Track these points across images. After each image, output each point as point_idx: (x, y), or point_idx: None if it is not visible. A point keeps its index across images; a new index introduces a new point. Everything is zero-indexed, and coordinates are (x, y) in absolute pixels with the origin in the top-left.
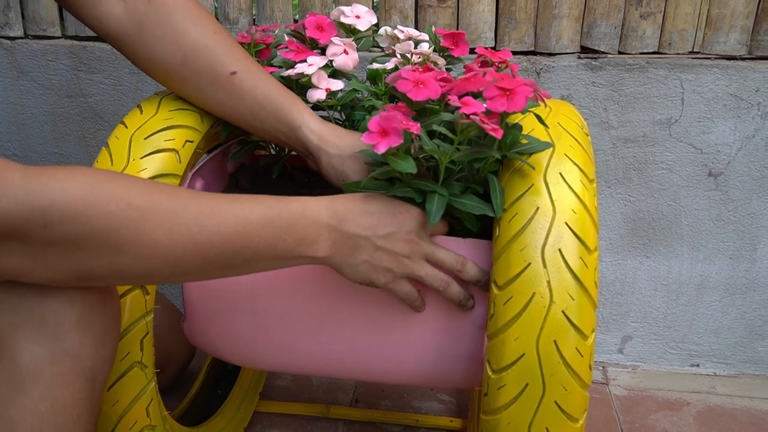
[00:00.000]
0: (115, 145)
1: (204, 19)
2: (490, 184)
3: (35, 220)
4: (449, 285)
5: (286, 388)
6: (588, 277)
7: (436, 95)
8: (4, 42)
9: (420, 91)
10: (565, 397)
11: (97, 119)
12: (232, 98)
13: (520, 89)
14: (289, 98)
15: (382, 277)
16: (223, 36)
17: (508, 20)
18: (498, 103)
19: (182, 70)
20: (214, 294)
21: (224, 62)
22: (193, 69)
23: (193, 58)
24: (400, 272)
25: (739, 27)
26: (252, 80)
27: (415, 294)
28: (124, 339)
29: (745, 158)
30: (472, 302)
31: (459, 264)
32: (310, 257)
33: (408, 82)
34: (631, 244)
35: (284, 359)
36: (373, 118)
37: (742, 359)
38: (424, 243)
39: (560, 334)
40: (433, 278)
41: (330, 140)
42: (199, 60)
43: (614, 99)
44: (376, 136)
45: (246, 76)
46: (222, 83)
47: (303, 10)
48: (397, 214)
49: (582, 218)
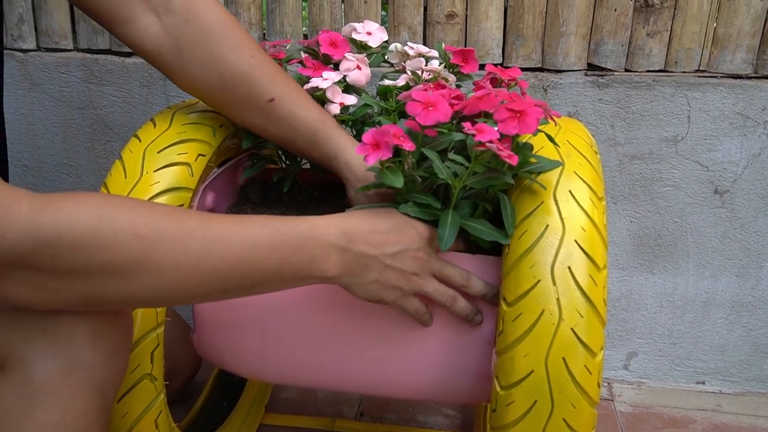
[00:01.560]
0: (129, 158)
1: (242, 41)
2: (502, 206)
3: (43, 252)
4: (456, 300)
5: (292, 400)
6: (597, 295)
7: (446, 118)
8: (17, 54)
9: (430, 115)
10: (573, 415)
11: (108, 131)
12: (270, 123)
13: (531, 111)
14: (326, 126)
15: (392, 295)
16: (260, 59)
17: (516, 37)
18: (510, 126)
19: (221, 94)
20: (224, 307)
21: (262, 89)
22: (231, 94)
23: (231, 85)
24: (409, 289)
25: (746, 46)
26: (290, 107)
27: (424, 309)
28: (134, 351)
29: (752, 176)
30: (480, 317)
31: (464, 279)
32: (319, 277)
33: (418, 104)
34: (637, 260)
35: (292, 372)
36: (368, 131)
37: (748, 377)
38: (431, 260)
39: (569, 352)
40: (441, 294)
41: (360, 175)
42: (237, 87)
43: (621, 116)
44: (369, 147)
45: (283, 102)
46: (260, 109)
47: (312, 25)
48: (405, 232)
49: (591, 236)
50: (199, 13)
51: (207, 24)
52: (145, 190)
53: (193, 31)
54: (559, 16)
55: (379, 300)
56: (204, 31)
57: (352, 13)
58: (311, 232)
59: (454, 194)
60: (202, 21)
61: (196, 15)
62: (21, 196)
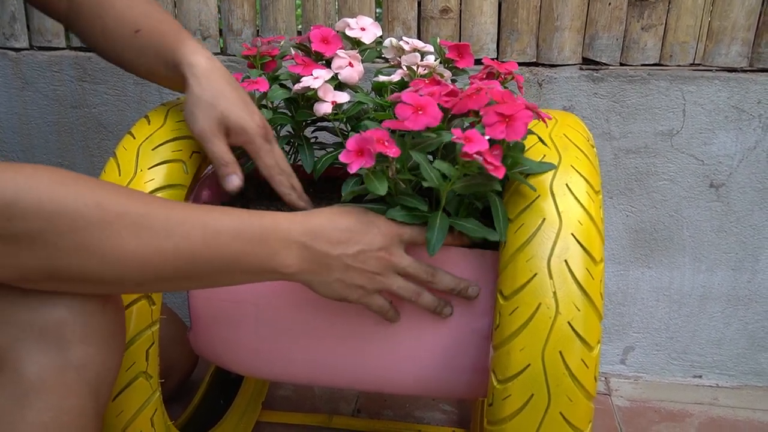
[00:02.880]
0: (123, 155)
1: None
2: (492, 208)
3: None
4: (420, 295)
5: (288, 398)
6: (594, 289)
7: (435, 122)
8: (9, 53)
9: (419, 119)
10: (570, 408)
11: (101, 129)
12: (137, 52)
13: (519, 115)
14: (178, 38)
15: (354, 294)
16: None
17: (510, 32)
18: (497, 130)
19: (103, 40)
20: (219, 304)
21: (131, 24)
22: (109, 37)
23: (109, 27)
24: (372, 288)
25: (740, 39)
26: (148, 32)
27: (387, 306)
28: (129, 349)
29: (747, 169)
30: (449, 309)
31: (429, 275)
32: (280, 273)
33: (407, 107)
34: (633, 254)
35: (288, 369)
36: (352, 137)
37: (745, 371)
38: (394, 258)
39: (566, 345)
40: (405, 290)
41: (204, 81)
42: (113, 27)
43: (616, 110)
44: (352, 155)
45: (145, 31)
46: (128, 44)
47: (306, 21)
48: (369, 232)
49: (588, 229)
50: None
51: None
52: (140, 187)
53: None
54: (553, 10)
55: (343, 299)
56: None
57: (345, 8)
58: (274, 226)
59: (443, 197)
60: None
61: None
62: None
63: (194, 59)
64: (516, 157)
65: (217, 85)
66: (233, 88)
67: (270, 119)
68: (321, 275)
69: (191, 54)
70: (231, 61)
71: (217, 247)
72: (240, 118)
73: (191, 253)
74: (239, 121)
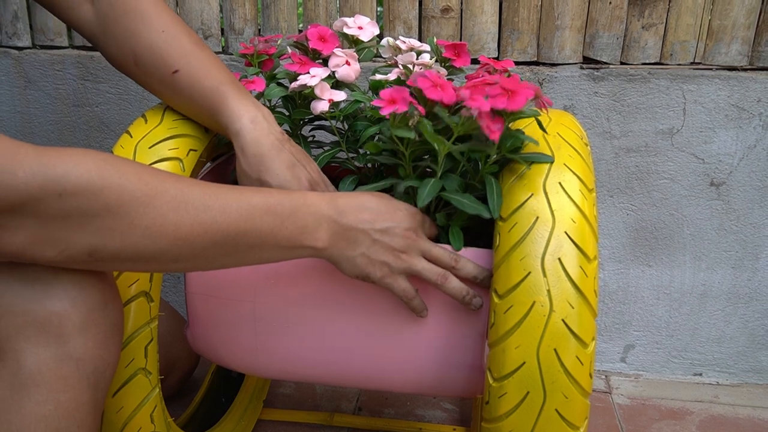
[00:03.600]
0: (120, 154)
1: (156, 17)
2: (487, 185)
3: (50, 189)
4: (447, 278)
5: (290, 396)
6: (588, 286)
7: (450, 100)
8: (12, 52)
9: (436, 92)
10: (565, 405)
11: (104, 128)
12: (176, 96)
13: (521, 90)
14: (222, 93)
15: (378, 271)
16: (172, 33)
17: (511, 31)
18: (499, 101)
19: (136, 69)
20: (217, 301)
21: (168, 61)
22: (144, 68)
23: (142, 59)
24: (397, 267)
25: (740, 38)
26: (190, 77)
27: (413, 292)
28: (128, 346)
29: (747, 168)
30: (478, 300)
31: (453, 261)
32: (310, 247)
33: (427, 80)
34: (634, 253)
35: (285, 367)
36: (386, 90)
37: (745, 368)
38: (420, 239)
39: (560, 343)
40: (430, 272)
41: (250, 149)
42: (147, 60)
43: (616, 109)
44: (385, 102)
45: (185, 73)
46: (166, 82)
47: (307, 21)
48: (396, 212)
49: (581, 227)
50: (142, 25)
51: (127, 3)
52: None
53: (115, 10)
54: (554, 9)
55: (366, 276)
56: (123, 11)
57: (347, 8)
58: (303, 201)
59: (440, 162)
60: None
61: None
62: (27, 144)
63: (239, 126)
64: (517, 139)
65: (262, 159)
66: (278, 152)
67: None
68: (347, 249)
69: (236, 119)
70: (232, 60)
71: (252, 221)
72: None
73: (227, 227)
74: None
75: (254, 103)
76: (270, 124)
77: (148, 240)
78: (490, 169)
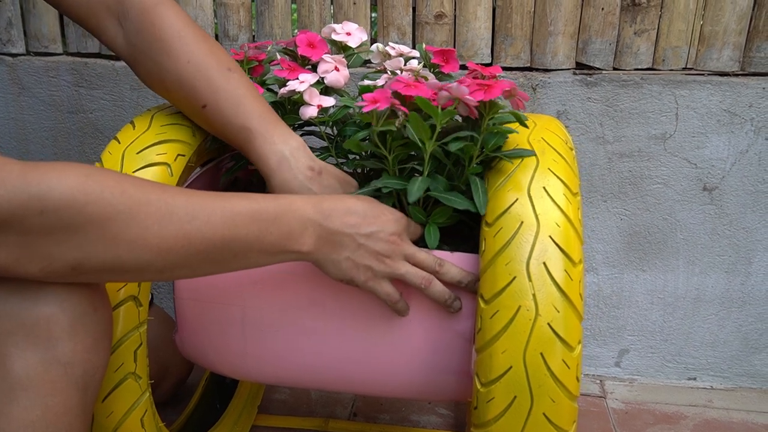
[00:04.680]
0: (108, 159)
1: (181, 47)
2: (472, 185)
3: (33, 206)
4: (431, 282)
5: (285, 401)
6: (573, 290)
7: (426, 94)
8: (6, 59)
9: (411, 89)
10: (553, 409)
11: (98, 134)
12: (208, 126)
13: (497, 84)
14: (250, 135)
15: (363, 275)
16: (198, 65)
17: (504, 37)
18: (477, 95)
19: (168, 95)
20: (205, 306)
21: (197, 95)
22: (175, 98)
23: (172, 90)
24: (380, 271)
25: (732, 44)
26: (220, 114)
27: (397, 296)
28: (117, 350)
29: (739, 173)
30: (458, 303)
31: (438, 265)
32: (296, 251)
33: (401, 82)
34: (628, 257)
35: (275, 371)
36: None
37: (739, 373)
38: (405, 244)
39: (547, 347)
40: (414, 276)
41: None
42: (177, 92)
43: (609, 114)
44: (368, 101)
45: (214, 109)
46: (197, 113)
47: (302, 27)
48: (381, 216)
49: (566, 231)
50: (148, 22)
51: (153, 33)
52: None
53: (142, 41)
54: (547, 15)
55: (350, 280)
56: (150, 41)
57: (341, 14)
58: (289, 206)
59: (426, 160)
60: (151, 30)
61: (146, 24)
62: (12, 160)
63: (267, 171)
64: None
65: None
66: (307, 191)
67: None
68: (332, 253)
69: (263, 163)
70: None
71: (237, 229)
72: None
73: (212, 236)
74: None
75: (283, 139)
76: (297, 160)
77: (132, 253)
78: (475, 170)
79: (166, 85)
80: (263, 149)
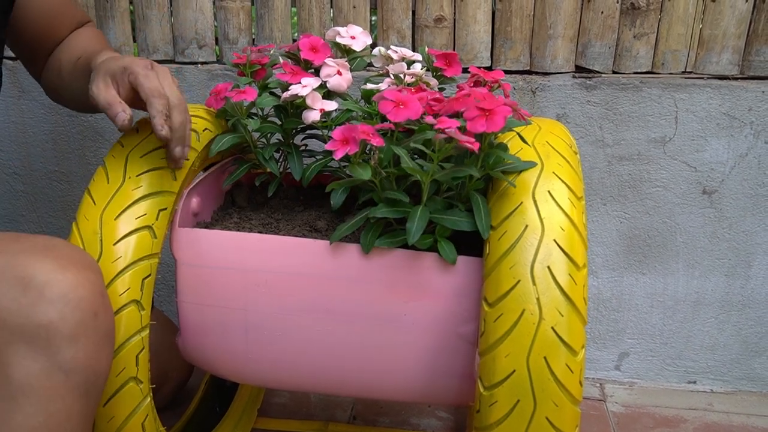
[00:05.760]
0: (112, 163)
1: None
2: (474, 208)
3: None
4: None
5: (285, 405)
6: (577, 294)
7: (416, 115)
8: (6, 62)
9: (400, 112)
10: (556, 413)
11: (98, 137)
12: (81, 79)
13: (498, 110)
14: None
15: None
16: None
17: (504, 40)
18: (478, 124)
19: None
20: (208, 310)
21: (72, 56)
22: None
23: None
24: None
25: (731, 47)
26: (85, 54)
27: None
28: (119, 355)
29: (739, 176)
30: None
31: None
32: None
33: (389, 102)
34: (627, 261)
35: (277, 374)
36: (338, 128)
37: (739, 376)
38: None
39: (550, 351)
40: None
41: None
42: (63, 69)
43: (609, 117)
44: (338, 143)
45: (85, 55)
46: (73, 72)
47: (302, 30)
48: None
49: (570, 235)
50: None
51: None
52: (128, 194)
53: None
54: (546, 19)
55: None
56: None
57: (341, 18)
58: None
59: (425, 189)
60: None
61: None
62: None
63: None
64: (499, 155)
65: None
66: None
67: (259, 128)
68: None
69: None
70: (226, 69)
71: None
72: (121, 61)
73: None
74: (120, 63)
75: None
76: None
77: None
78: (476, 185)
79: (61, 70)
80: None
